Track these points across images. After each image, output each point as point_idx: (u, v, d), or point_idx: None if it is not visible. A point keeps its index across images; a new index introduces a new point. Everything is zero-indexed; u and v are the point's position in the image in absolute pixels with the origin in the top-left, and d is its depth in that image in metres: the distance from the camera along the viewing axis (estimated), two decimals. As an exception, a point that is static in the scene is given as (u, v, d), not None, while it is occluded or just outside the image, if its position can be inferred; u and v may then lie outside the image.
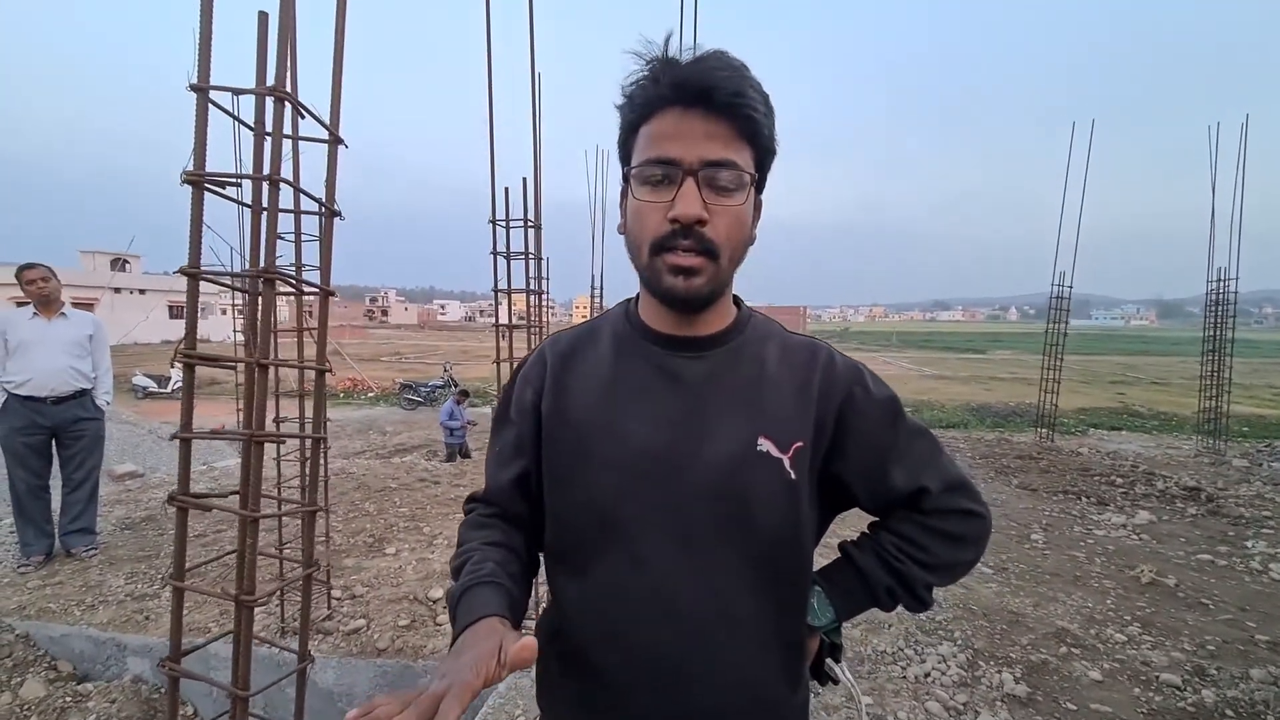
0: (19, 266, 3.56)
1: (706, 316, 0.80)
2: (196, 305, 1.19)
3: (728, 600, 0.77)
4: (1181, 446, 8.27)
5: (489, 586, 0.72)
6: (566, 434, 0.81)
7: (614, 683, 0.78)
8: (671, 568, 0.76)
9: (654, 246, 0.73)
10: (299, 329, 2.62)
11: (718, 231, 0.71)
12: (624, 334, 0.85)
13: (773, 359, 0.82)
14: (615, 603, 0.77)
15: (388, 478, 5.58)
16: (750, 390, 0.79)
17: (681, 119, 0.70)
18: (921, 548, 0.83)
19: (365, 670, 2.54)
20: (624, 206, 0.79)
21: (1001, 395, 17.17)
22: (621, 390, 0.81)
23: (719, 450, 0.76)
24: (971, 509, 0.84)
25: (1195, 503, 5.16)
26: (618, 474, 0.78)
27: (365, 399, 17.87)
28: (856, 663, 2.58)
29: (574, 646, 0.81)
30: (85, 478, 3.70)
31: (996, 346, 49.40)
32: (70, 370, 3.59)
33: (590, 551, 0.79)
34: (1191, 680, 2.47)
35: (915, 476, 0.82)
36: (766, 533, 0.77)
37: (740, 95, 0.69)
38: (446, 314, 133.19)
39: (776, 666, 0.81)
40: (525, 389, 0.87)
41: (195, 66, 1.09)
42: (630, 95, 0.74)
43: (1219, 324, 7.71)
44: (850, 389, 0.81)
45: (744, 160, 0.72)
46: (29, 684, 2.51)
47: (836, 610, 0.86)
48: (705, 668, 0.76)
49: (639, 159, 0.73)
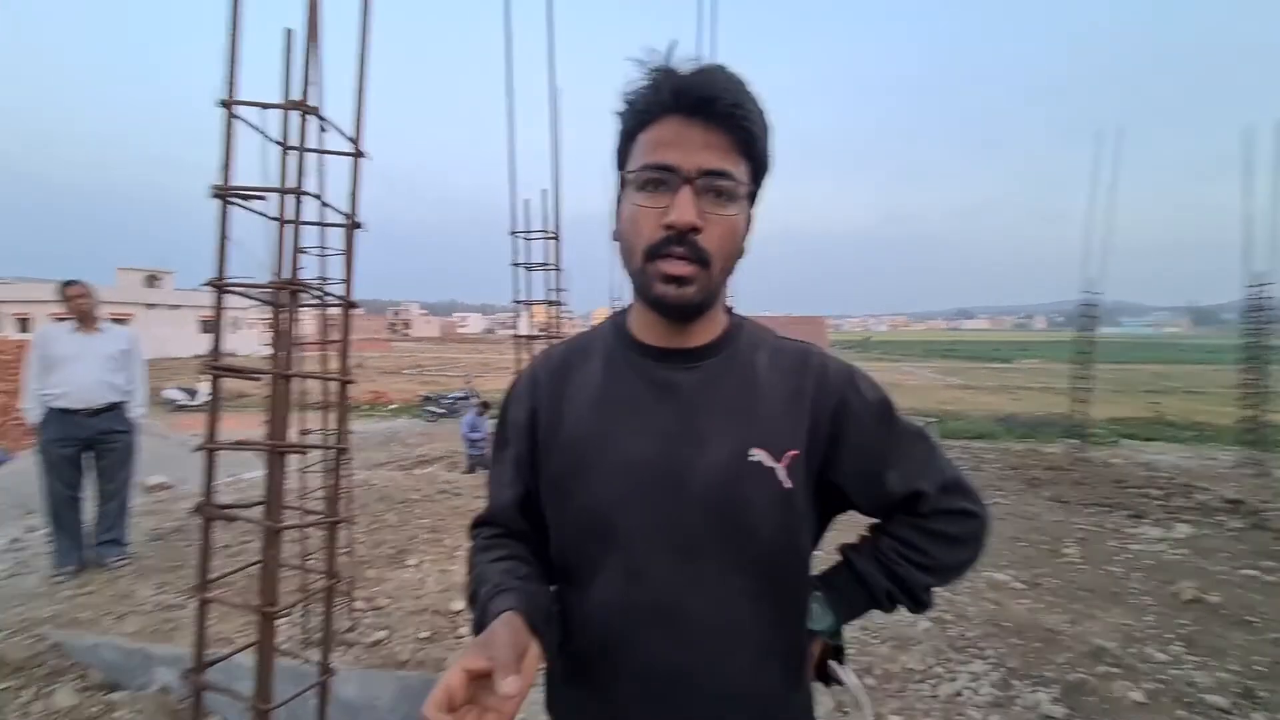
0: (60, 283, 3.68)
1: (697, 327, 0.80)
2: (222, 317, 1.20)
3: (726, 610, 0.77)
4: (1220, 458, 8.00)
5: (502, 595, 0.73)
6: (561, 450, 0.82)
7: (615, 694, 0.79)
8: (669, 579, 0.76)
9: (647, 252, 0.73)
10: (323, 341, 2.65)
11: (711, 240, 0.72)
12: (614, 348, 0.85)
13: (764, 367, 0.81)
14: (614, 614, 0.78)
15: (410, 489, 5.61)
16: (742, 400, 0.79)
17: (681, 127, 0.71)
18: (920, 551, 0.82)
19: (387, 682, 2.54)
20: (618, 212, 0.79)
21: (1029, 405, 16.82)
22: (614, 404, 0.81)
23: (713, 461, 0.76)
24: (967, 509, 0.83)
25: (1238, 516, 4.97)
26: (613, 487, 0.78)
27: (388, 411, 18.10)
28: (884, 680, 2.51)
29: (577, 658, 0.82)
30: (118, 489, 3.78)
31: (1023, 355, 48.46)
32: (106, 383, 3.68)
33: (589, 565, 0.80)
34: (1240, 703, 2.36)
35: (911, 480, 0.81)
36: (763, 542, 0.77)
37: (740, 106, 0.70)
38: (468, 326, 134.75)
39: (777, 673, 0.81)
40: (518, 409, 0.87)
41: (224, 83, 1.11)
42: (630, 101, 0.74)
43: (1257, 330, 7.47)
44: (843, 393, 0.81)
45: (740, 172, 0.73)
46: (60, 692, 2.54)
47: (837, 615, 0.85)
48: (705, 678, 0.76)
49: (636, 164, 0.73)
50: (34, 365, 3.62)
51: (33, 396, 3.61)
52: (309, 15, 1.17)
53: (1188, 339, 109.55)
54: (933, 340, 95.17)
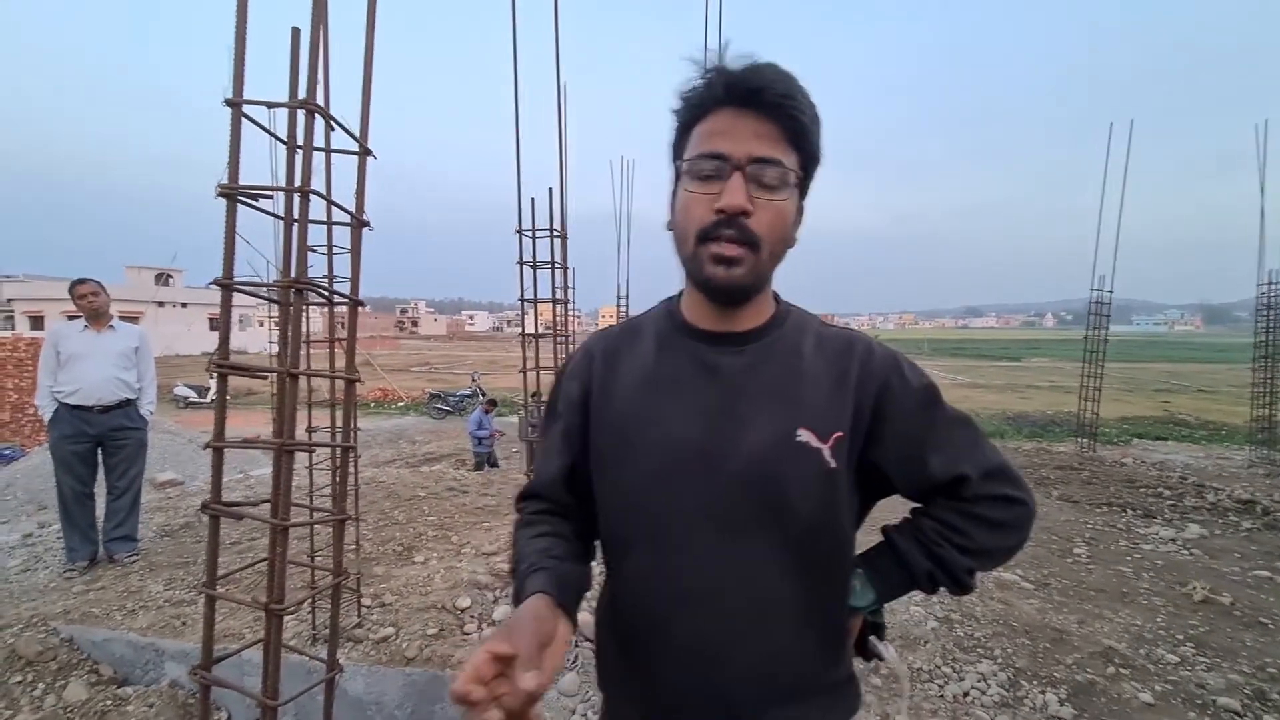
0: (71, 282, 3.72)
1: (745, 311, 0.83)
2: (230, 316, 1.21)
3: (765, 585, 0.79)
4: (1233, 457, 7.92)
5: (534, 575, 0.77)
6: (610, 425, 0.85)
7: (658, 663, 0.82)
8: (709, 554, 0.79)
9: (699, 236, 0.76)
10: (330, 339, 2.66)
11: (760, 224, 0.75)
12: (665, 330, 0.88)
13: (810, 351, 0.84)
14: (656, 586, 0.81)
15: (417, 486, 5.64)
16: (789, 382, 0.81)
17: (733, 118, 0.74)
18: (962, 533, 0.83)
19: (394, 679, 2.55)
20: (673, 203, 0.82)
21: (1039, 404, 16.70)
22: (662, 383, 0.84)
23: (757, 441, 0.78)
24: (1012, 495, 0.83)
25: (1250, 516, 4.92)
26: (657, 463, 0.81)
27: (395, 408, 18.17)
28: (891, 680, 2.50)
29: (623, 629, 0.86)
30: (128, 486, 3.81)
31: (1033, 353, 48.12)
32: (116, 380, 3.71)
33: (633, 538, 0.83)
34: (1252, 705, 2.34)
35: (954, 464, 0.82)
36: (804, 520, 0.79)
37: (789, 98, 0.73)
38: (475, 324, 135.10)
39: (816, 645, 0.83)
40: (572, 383, 0.91)
41: (230, 82, 1.12)
42: (685, 96, 0.78)
43: (1270, 329, 7.38)
44: (887, 378, 0.82)
45: (790, 161, 0.75)
46: (72, 687, 2.57)
47: (877, 592, 0.87)
48: (744, 649, 0.79)
49: (690, 154, 0.77)
50: (46, 362, 3.66)
51: (45, 393, 3.65)
52: (315, 14, 1.17)
53: (1200, 337, 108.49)
54: (941, 339, 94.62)
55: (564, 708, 2.31)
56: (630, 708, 0.87)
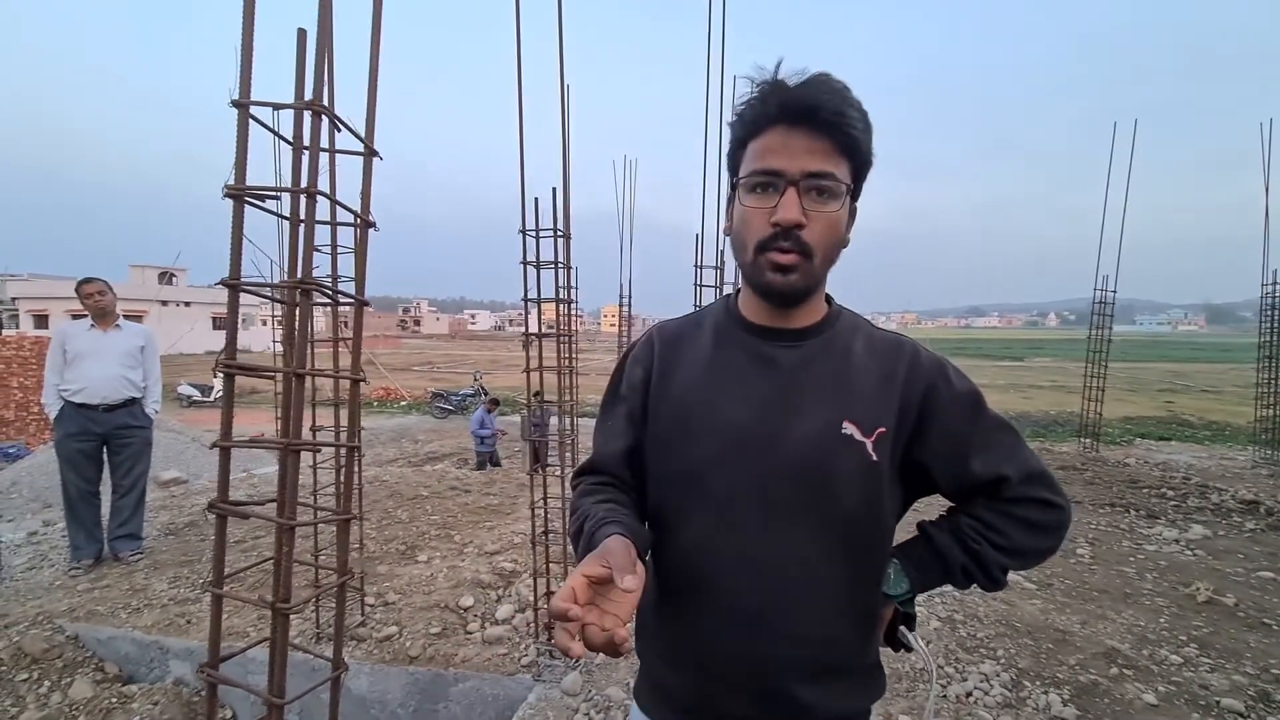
0: (78, 281, 3.73)
1: (800, 310, 0.88)
2: (237, 316, 1.21)
3: (807, 565, 0.84)
4: (1236, 458, 7.89)
5: (607, 524, 0.80)
6: (669, 408, 0.90)
7: (701, 628, 0.87)
8: (760, 530, 0.84)
9: (758, 246, 0.82)
10: (335, 339, 2.67)
11: (814, 234, 0.80)
12: (724, 324, 0.93)
13: (861, 350, 0.89)
14: (705, 556, 0.86)
15: (420, 485, 5.65)
16: (838, 377, 0.86)
17: (786, 135, 0.79)
18: (999, 532, 0.87)
19: (398, 677, 2.56)
20: (730, 211, 0.88)
21: (1042, 404, 16.66)
22: (720, 372, 0.89)
23: (806, 430, 0.83)
24: (1050, 499, 0.88)
25: (1254, 516, 4.91)
26: (713, 445, 0.86)
27: (398, 407, 18.20)
28: (894, 680, 2.50)
29: (667, 597, 0.91)
30: (133, 484, 3.83)
31: (1035, 353, 48.00)
32: (122, 379, 3.73)
33: (685, 513, 0.88)
34: (1255, 706, 2.33)
35: (995, 465, 0.86)
36: (847, 509, 0.83)
37: (840, 115, 0.77)
38: (477, 323, 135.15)
39: (850, 628, 0.87)
40: (635, 368, 0.96)
41: (237, 83, 1.12)
42: (740, 114, 0.83)
43: (1275, 328, 7.35)
44: (934, 380, 0.87)
45: (841, 172, 0.80)
46: (78, 684, 2.59)
47: (912, 583, 0.91)
48: (784, 620, 0.84)
49: (747, 170, 0.82)
50: (53, 361, 3.68)
51: (51, 392, 3.66)
52: (321, 15, 1.17)
53: (1204, 337, 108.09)
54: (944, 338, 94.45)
55: (567, 706, 2.32)
56: (671, 675, 0.91)
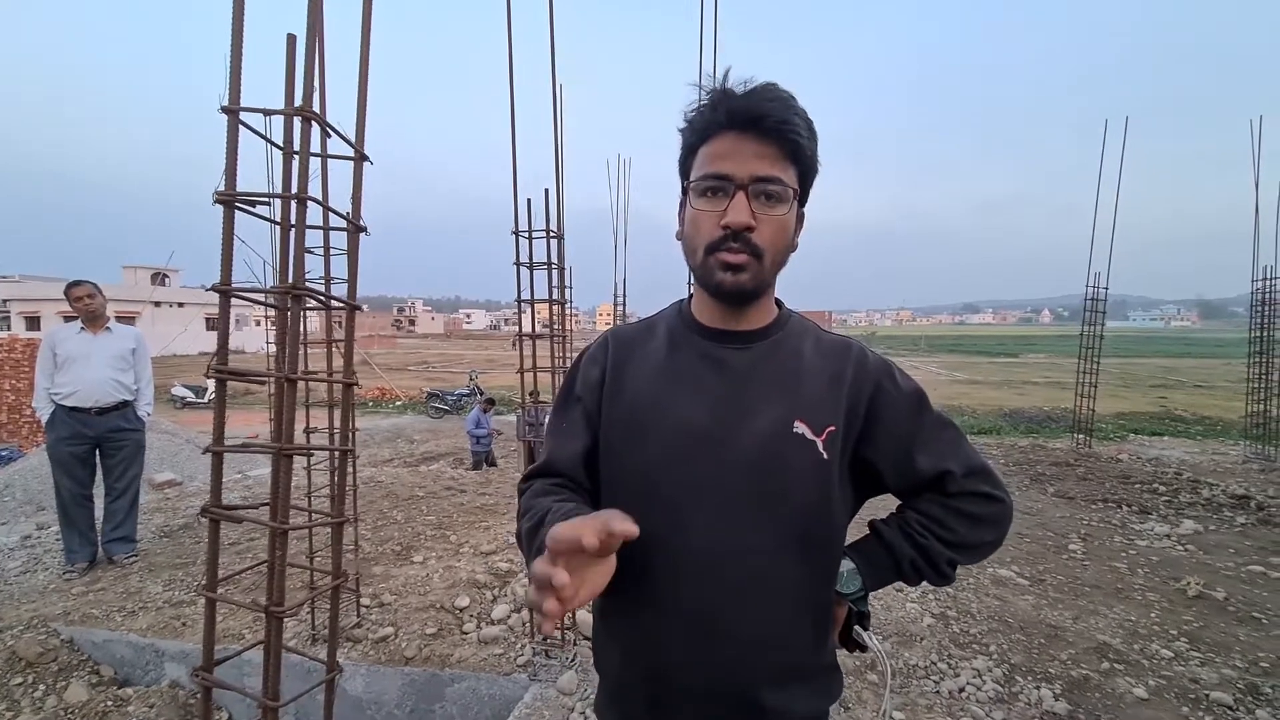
0: (67, 284, 3.71)
1: (750, 313, 0.91)
2: (228, 322, 1.21)
3: (762, 564, 0.85)
4: (1228, 453, 7.96)
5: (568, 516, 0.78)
6: (623, 410, 0.91)
7: (654, 634, 0.87)
8: (711, 531, 0.84)
9: (708, 248, 0.84)
10: (328, 341, 2.67)
11: (763, 237, 0.82)
12: (677, 327, 0.96)
13: (810, 352, 0.91)
14: (658, 559, 0.86)
15: (415, 486, 5.65)
16: (789, 378, 0.88)
17: (735, 141, 0.81)
18: (944, 525, 0.90)
19: (393, 678, 2.56)
20: (682, 216, 0.90)
21: (1035, 400, 16.74)
22: (672, 374, 0.91)
23: (759, 428, 0.85)
24: (991, 493, 0.91)
25: (1244, 511, 4.95)
26: (666, 446, 0.87)
27: (393, 407, 18.16)
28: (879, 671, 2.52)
29: (620, 604, 0.90)
30: (127, 487, 3.82)
31: (1029, 350, 48.22)
32: (113, 382, 3.71)
33: (637, 515, 0.87)
34: (1244, 699, 2.36)
35: (939, 461, 0.89)
36: (799, 505, 0.85)
37: (786, 123, 0.80)
38: (472, 322, 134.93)
39: (806, 628, 0.88)
40: (591, 368, 0.97)
41: (227, 89, 1.12)
42: (690, 120, 0.86)
43: (1265, 324, 7.41)
44: (879, 381, 0.90)
45: (788, 177, 0.83)
46: (73, 688, 2.58)
47: (864, 580, 0.93)
48: (738, 623, 0.84)
49: (697, 174, 0.85)
50: (44, 365, 3.66)
51: (43, 396, 3.64)
52: (310, 20, 1.17)
53: (1196, 332, 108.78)
54: (938, 335, 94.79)
55: (563, 706, 2.32)
56: (629, 684, 0.91)
